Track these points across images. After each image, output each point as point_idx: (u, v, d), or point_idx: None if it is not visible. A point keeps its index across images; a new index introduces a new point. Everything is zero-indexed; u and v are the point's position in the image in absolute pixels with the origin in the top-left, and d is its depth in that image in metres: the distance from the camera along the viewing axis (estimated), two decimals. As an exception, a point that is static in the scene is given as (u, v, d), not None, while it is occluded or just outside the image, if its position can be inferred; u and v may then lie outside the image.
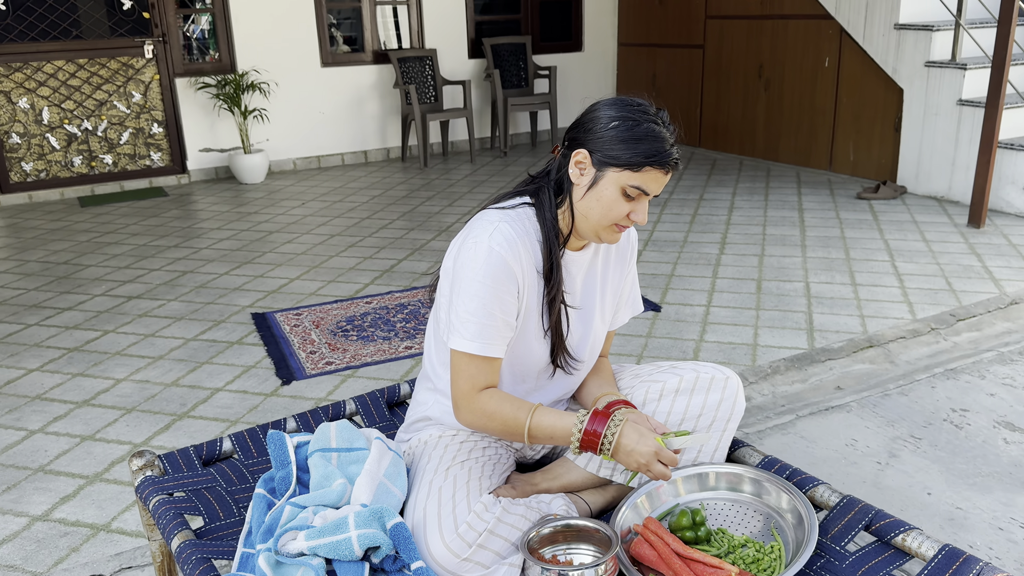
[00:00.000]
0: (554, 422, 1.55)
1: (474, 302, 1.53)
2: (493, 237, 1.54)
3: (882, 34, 5.68)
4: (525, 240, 1.58)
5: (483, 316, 1.53)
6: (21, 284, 4.39)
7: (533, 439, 1.57)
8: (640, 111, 1.53)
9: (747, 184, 6.09)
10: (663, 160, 1.50)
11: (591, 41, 8.30)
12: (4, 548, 2.25)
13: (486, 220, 1.59)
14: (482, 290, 1.53)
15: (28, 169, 6.27)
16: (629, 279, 1.82)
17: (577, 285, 1.68)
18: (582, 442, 1.52)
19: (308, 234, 5.17)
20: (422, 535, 1.47)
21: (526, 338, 1.63)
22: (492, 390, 1.59)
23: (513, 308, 1.57)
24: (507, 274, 1.54)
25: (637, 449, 1.48)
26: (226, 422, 2.88)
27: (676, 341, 3.42)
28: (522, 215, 1.61)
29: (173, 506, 1.57)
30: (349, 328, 3.63)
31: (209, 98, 6.65)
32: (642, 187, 1.52)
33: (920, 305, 3.69)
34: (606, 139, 1.52)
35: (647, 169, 1.50)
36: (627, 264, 1.78)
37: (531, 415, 1.55)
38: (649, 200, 1.57)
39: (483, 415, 1.57)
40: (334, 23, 7.22)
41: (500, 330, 1.56)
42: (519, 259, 1.55)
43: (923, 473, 2.50)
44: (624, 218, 1.55)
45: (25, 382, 3.24)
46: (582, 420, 1.53)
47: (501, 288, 1.54)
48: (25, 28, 6.07)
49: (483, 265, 1.53)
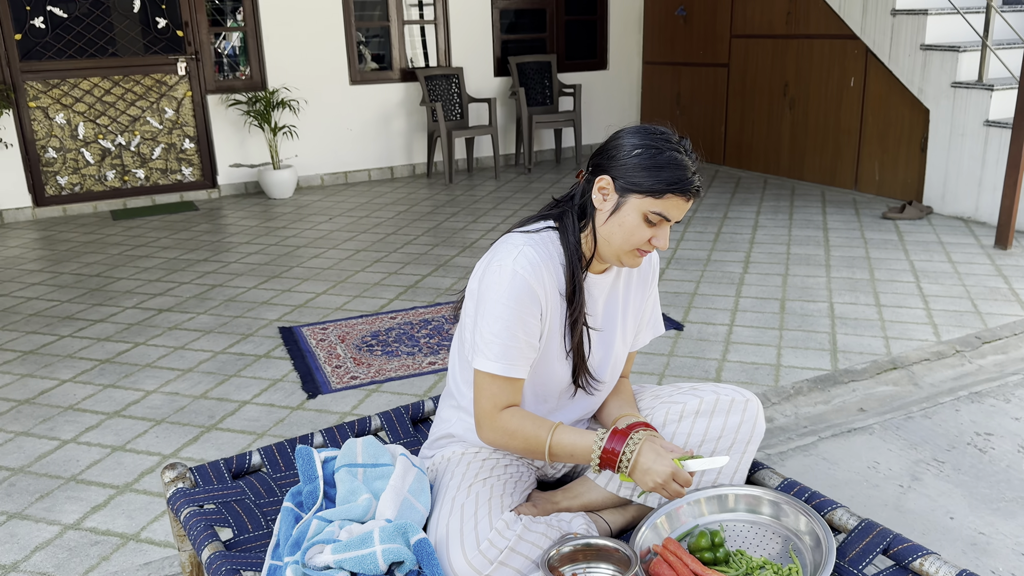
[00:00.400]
0: (574, 440, 1.58)
1: (498, 324, 1.57)
2: (517, 260, 1.58)
3: (908, 54, 5.67)
4: (548, 263, 1.61)
5: (506, 337, 1.57)
6: (55, 296, 4.49)
7: (553, 457, 1.60)
8: (663, 139, 1.57)
9: (771, 203, 6.09)
10: (684, 188, 1.54)
11: (616, 59, 8.35)
12: (37, 555, 2.31)
13: (511, 243, 1.63)
14: (506, 312, 1.57)
15: (63, 183, 6.42)
16: (650, 301, 1.84)
17: (599, 307, 1.71)
18: (601, 460, 1.55)
19: (334, 249, 5.24)
20: (444, 551, 1.51)
21: (548, 359, 1.66)
22: (514, 408, 1.62)
23: (536, 330, 1.61)
24: (530, 297, 1.58)
25: (654, 468, 1.51)
26: (253, 435, 2.93)
27: (698, 360, 3.43)
28: (546, 239, 1.65)
29: (204, 518, 1.61)
30: (374, 343, 3.68)
31: (240, 115, 6.78)
32: (663, 213, 1.55)
33: (945, 327, 3.67)
34: (629, 166, 1.55)
35: (668, 196, 1.54)
36: (648, 287, 1.81)
37: (552, 433, 1.58)
38: (671, 226, 1.60)
39: (504, 433, 1.60)
40: (362, 41, 7.33)
41: (523, 351, 1.60)
42: (542, 282, 1.59)
43: (946, 497, 2.49)
44: (646, 243, 1.59)
45: (58, 392, 3.31)
46: (601, 439, 1.56)
47: (524, 310, 1.57)
48: (63, 46, 6.23)
49: (507, 288, 1.57)
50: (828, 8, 6.24)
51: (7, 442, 2.93)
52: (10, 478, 2.69)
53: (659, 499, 1.72)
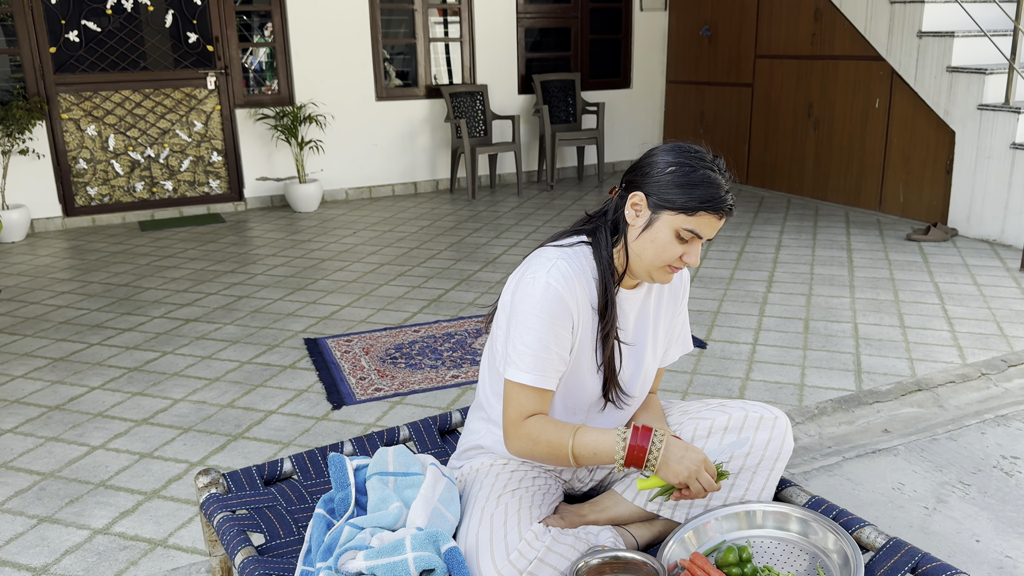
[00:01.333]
0: (597, 439, 1.57)
1: (530, 335, 1.59)
2: (551, 273, 1.60)
3: (934, 76, 5.67)
4: (581, 277, 1.63)
5: (539, 349, 1.59)
6: (84, 304, 4.56)
7: (578, 459, 1.59)
8: (697, 158, 1.59)
9: (795, 223, 6.08)
10: (717, 206, 1.56)
11: (639, 78, 8.40)
12: (67, 559, 2.35)
13: (544, 257, 1.65)
14: (538, 324, 1.59)
15: (93, 193, 6.52)
16: (680, 318, 1.86)
17: (630, 322, 1.73)
18: (627, 458, 1.54)
19: (359, 262, 5.29)
20: (475, 560, 1.52)
21: (579, 372, 1.68)
22: (538, 416, 1.63)
23: (567, 343, 1.62)
24: (563, 309, 1.59)
25: (687, 456, 1.52)
26: (279, 444, 2.96)
27: (722, 379, 3.43)
28: (579, 253, 1.67)
29: (236, 523, 1.64)
30: (398, 356, 3.71)
31: (267, 129, 6.87)
32: (695, 231, 1.57)
33: (970, 349, 3.65)
34: (663, 183, 1.57)
35: (701, 214, 1.56)
36: (679, 303, 1.83)
37: (574, 435, 1.58)
38: (702, 243, 1.61)
39: (529, 440, 1.61)
40: (388, 58, 7.42)
41: (554, 363, 1.61)
42: (575, 295, 1.61)
43: (972, 520, 2.47)
44: (677, 260, 1.60)
45: (88, 399, 3.36)
46: (624, 436, 1.55)
47: (557, 323, 1.59)
48: (96, 60, 6.35)
49: (540, 300, 1.59)
50: (854, 29, 6.26)
51: (38, 447, 2.98)
52: (41, 482, 2.74)
53: (686, 514, 1.72)
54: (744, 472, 1.71)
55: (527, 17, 7.84)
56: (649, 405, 1.84)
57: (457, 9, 7.53)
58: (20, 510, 2.58)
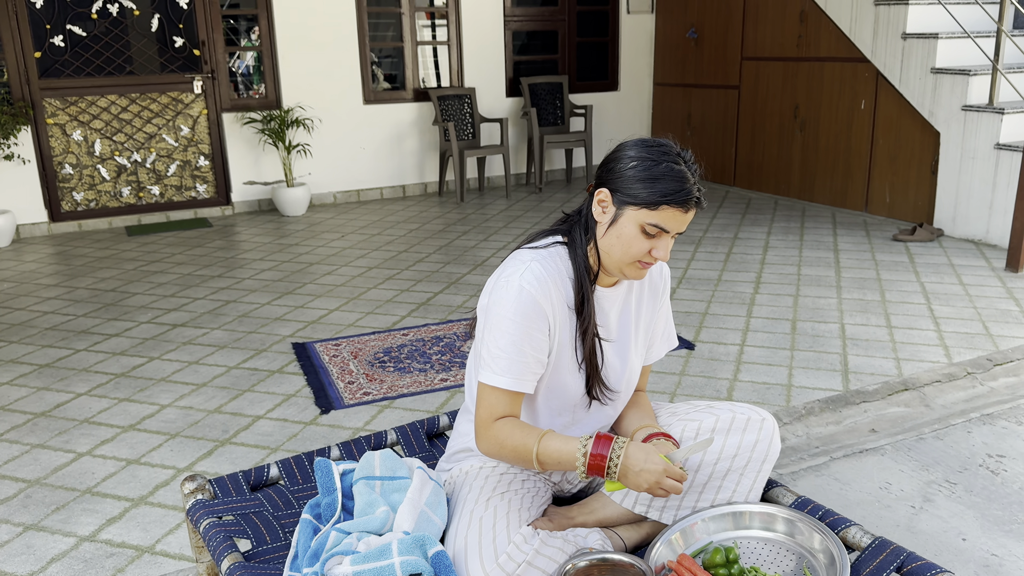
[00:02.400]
0: (559, 447, 1.56)
1: (504, 339, 1.59)
2: (524, 276, 1.60)
3: (919, 78, 5.71)
4: (556, 278, 1.63)
5: (512, 352, 1.59)
6: (70, 310, 4.54)
7: (543, 465, 1.59)
8: (660, 151, 1.58)
9: (782, 224, 6.11)
10: (680, 199, 1.54)
11: (627, 81, 8.42)
12: (54, 567, 2.33)
13: (518, 260, 1.65)
14: (512, 327, 1.59)
15: (79, 199, 6.49)
16: (663, 313, 1.86)
17: (611, 320, 1.73)
18: (588, 466, 1.53)
19: (347, 266, 5.28)
20: (463, 563, 1.52)
21: (560, 372, 1.68)
22: (508, 419, 1.63)
23: (544, 345, 1.63)
24: (537, 312, 1.60)
25: (646, 468, 1.50)
26: (267, 449, 2.95)
27: (710, 380, 3.44)
28: (554, 254, 1.67)
29: (223, 529, 1.63)
30: (386, 359, 3.70)
31: (254, 133, 6.85)
32: (660, 225, 1.56)
33: (956, 349, 3.68)
34: (625, 178, 1.57)
35: (664, 208, 1.54)
36: (659, 298, 1.83)
37: (539, 441, 1.58)
38: (674, 237, 1.61)
39: (496, 442, 1.62)
40: (376, 61, 7.41)
41: (530, 366, 1.62)
42: (549, 297, 1.61)
43: (958, 519, 2.49)
44: (645, 255, 1.59)
45: (74, 406, 3.34)
46: (585, 445, 1.54)
47: (531, 326, 1.59)
48: (81, 64, 6.32)
49: (514, 303, 1.59)
50: (839, 31, 6.29)
51: (23, 454, 2.96)
52: (26, 490, 2.72)
53: (674, 516, 1.73)
54: (731, 474, 1.71)
55: (514, 20, 7.84)
56: (638, 404, 1.84)
57: (444, 12, 7.54)
58: (5, 518, 2.56)
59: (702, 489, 1.72)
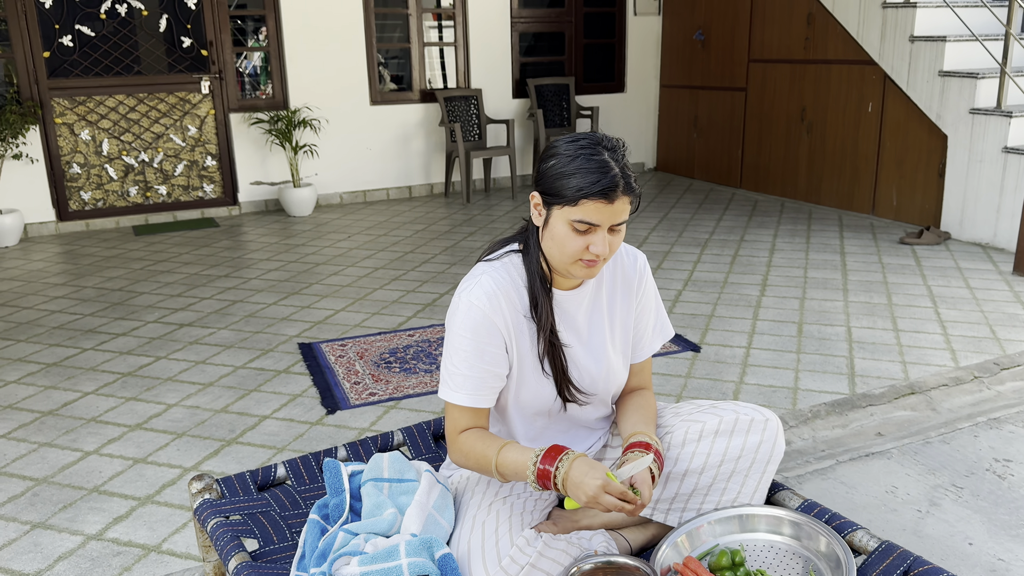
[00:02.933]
0: (516, 458, 1.56)
1: (457, 356, 1.61)
2: (472, 292, 1.61)
3: (926, 81, 5.69)
4: (509, 289, 1.63)
5: (466, 368, 1.61)
6: (78, 309, 4.55)
7: (504, 476, 1.59)
8: (578, 144, 1.54)
9: (788, 226, 6.10)
10: (595, 191, 1.49)
11: (633, 82, 8.42)
12: (60, 565, 2.34)
13: (471, 275, 1.66)
14: (464, 343, 1.60)
15: (86, 198, 6.51)
16: (648, 306, 1.81)
17: (579, 321, 1.71)
18: (537, 476, 1.53)
19: (353, 267, 5.29)
20: (467, 567, 1.52)
21: (526, 381, 1.68)
22: (473, 431, 1.64)
23: (500, 359, 1.62)
24: (488, 328, 1.60)
25: (584, 482, 1.48)
26: (273, 449, 2.96)
27: (715, 382, 3.44)
28: (508, 264, 1.66)
29: (230, 529, 1.64)
30: (392, 360, 3.71)
31: (261, 133, 6.87)
32: (585, 219, 1.52)
33: (963, 353, 3.67)
34: (547, 177, 1.56)
35: (583, 202, 1.51)
36: (636, 292, 1.78)
37: (498, 452, 1.58)
38: (615, 231, 1.56)
39: (461, 454, 1.64)
40: (383, 62, 7.42)
41: (486, 381, 1.62)
42: (500, 311, 1.61)
43: (964, 523, 2.48)
44: (584, 252, 1.56)
45: (81, 404, 3.36)
46: (537, 456, 1.54)
47: (483, 341, 1.60)
48: (90, 64, 6.35)
49: (463, 321, 1.60)
50: (846, 34, 6.28)
51: (31, 453, 2.97)
52: (34, 488, 2.73)
53: (679, 518, 1.73)
54: (736, 475, 1.71)
55: (521, 21, 7.85)
56: (641, 405, 1.80)
57: (452, 13, 7.55)
58: (13, 516, 2.58)
59: (707, 491, 1.72)
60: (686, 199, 7.21)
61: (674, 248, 5.56)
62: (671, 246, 5.61)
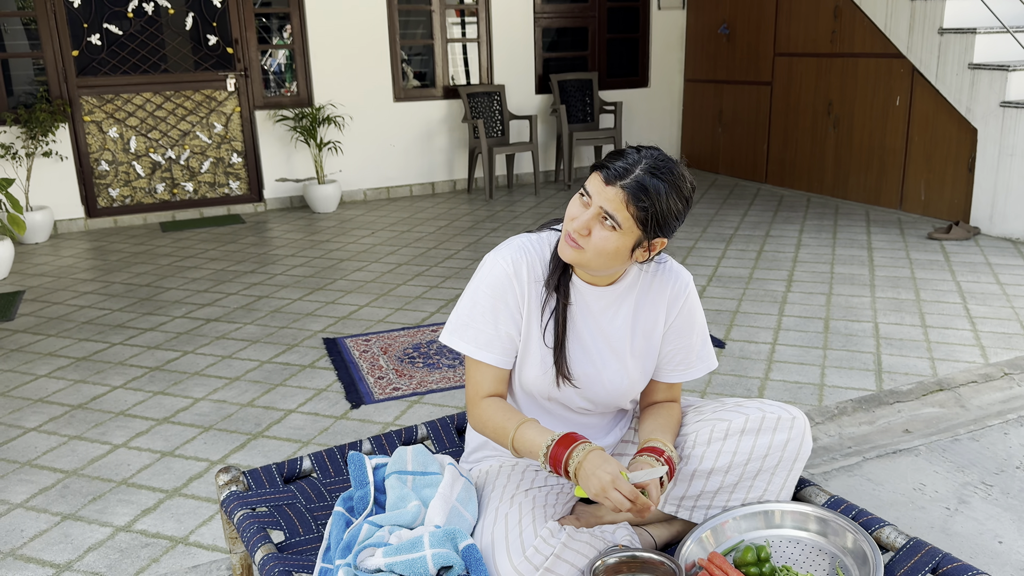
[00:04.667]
0: (532, 438, 1.58)
1: (474, 308, 1.66)
2: (500, 251, 1.69)
3: (956, 74, 5.61)
4: (535, 258, 1.68)
5: (480, 323, 1.66)
6: (106, 304, 4.61)
7: (517, 452, 1.61)
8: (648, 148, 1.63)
9: (815, 221, 6.04)
10: (598, 163, 1.59)
11: (657, 77, 8.37)
12: (90, 556, 2.38)
13: (507, 241, 1.72)
14: (481, 298, 1.66)
15: (114, 195, 6.59)
16: (688, 331, 1.76)
17: (596, 315, 1.71)
18: (548, 458, 1.54)
19: (377, 262, 5.31)
20: (491, 557, 1.53)
21: (530, 354, 1.69)
22: (493, 399, 1.67)
23: (512, 321, 1.66)
24: (507, 286, 1.65)
25: (596, 474, 1.48)
26: (298, 443, 2.98)
27: (740, 378, 3.41)
28: (542, 237, 1.73)
29: (256, 520, 1.65)
30: (415, 355, 3.72)
31: (287, 130, 6.91)
32: (586, 188, 1.59)
33: (993, 349, 3.62)
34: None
35: (594, 173, 1.59)
36: (669, 308, 1.74)
37: (516, 427, 1.60)
38: (602, 215, 1.55)
39: (480, 421, 1.66)
40: (406, 59, 7.44)
41: (496, 339, 1.66)
42: (520, 274, 1.66)
43: (994, 521, 2.45)
44: (572, 221, 1.59)
45: (110, 398, 3.40)
46: (553, 439, 1.55)
47: (499, 299, 1.65)
48: (117, 62, 6.42)
49: (486, 276, 1.66)
50: (874, 27, 6.21)
51: (61, 445, 3.01)
52: (64, 480, 2.77)
53: (704, 514, 1.72)
54: (762, 474, 1.70)
55: (544, 17, 7.84)
56: (664, 414, 1.76)
57: (474, 9, 7.55)
58: (44, 507, 2.62)
59: (732, 489, 1.71)
60: (711, 194, 7.17)
61: (698, 243, 5.53)
62: (695, 241, 5.58)
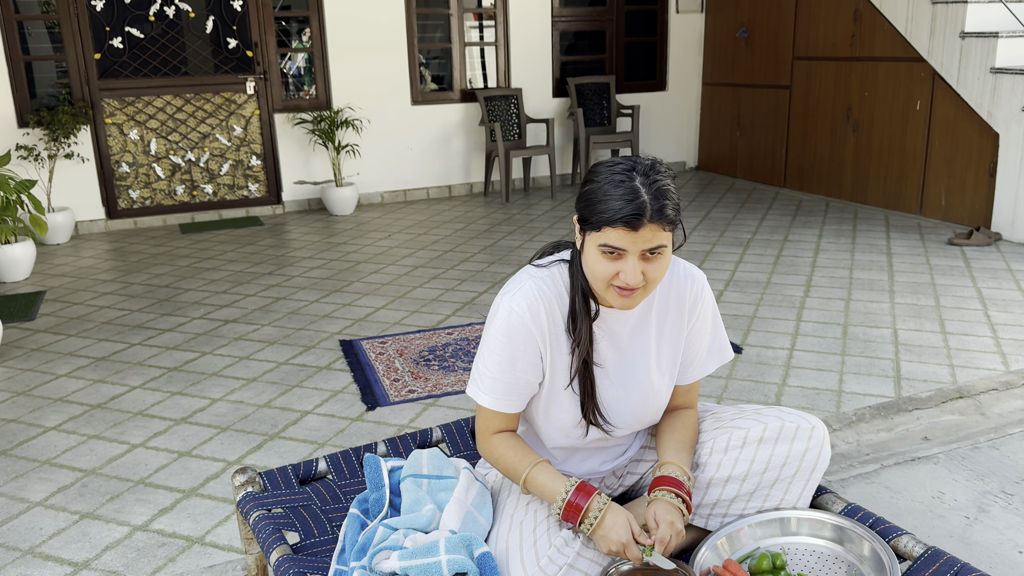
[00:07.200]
0: (545, 483, 1.58)
1: (491, 358, 1.61)
2: (515, 298, 1.59)
3: (977, 78, 5.56)
4: (552, 299, 1.61)
5: (496, 372, 1.61)
6: (126, 305, 4.65)
7: (527, 492, 1.62)
8: (612, 171, 1.50)
9: (834, 226, 6.01)
10: (612, 220, 1.45)
11: (675, 80, 8.35)
12: (108, 554, 2.39)
13: (517, 279, 1.65)
14: (498, 348, 1.60)
15: (135, 196, 6.65)
16: (705, 329, 1.76)
17: (623, 339, 1.67)
18: (564, 510, 1.54)
19: (394, 265, 5.33)
20: (505, 565, 1.53)
21: (555, 392, 1.65)
22: (504, 435, 1.66)
23: (532, 368, 1.61)
24: (524, 335, 1.59)
25: (608, 536, 1.51)
26: (314, 444, 2.99)
27: (758, 384, 3.39)
28: (555, 273, 1.64)
29: (272, 521, 1.66)
30: (431, 358, 3.73)
31: (305, 133, 6.95)
32: (610, 244, 1.47)
33: (1014, 356, 3.58)
34: (581, 201, 1.54)
35: (605, 229, 1.47)
36: (688, 316, 1.72)
37: (529, 469, 1.60)
38: (647, 258, 1.49)
39: (491, 456, 1.66)
40: (424, 63, 7.46)
41: (515, 387, 1.62)
42: (538, 320, 1.59)
43: (1014, 531, 2.42)
44: (615, 278, 1.51)
45: (128, 398, 3.43)
46: (568, 490, 1.54)
47: (517, 348, 1.59)
48: (139, 65, 6.48)
49: (502, 324, 1.59)
50: (894, 30, 6.16)
51: (80, 444, 3.04)
52: (82, 479, 2.80)
53: (720, 522, 1.71)
54: (780, 483, 1.69)
55: (562, 20, 7.84)
56: (681, 427, 1.75)
57: (492, 13, 7.56)
58: (62, 506, 2.64)
59: (749, 497, 1.70)
60: (728, 198, 7.14)
61: (715, 248, 5.51)
62: (712, 246, 5.56)
